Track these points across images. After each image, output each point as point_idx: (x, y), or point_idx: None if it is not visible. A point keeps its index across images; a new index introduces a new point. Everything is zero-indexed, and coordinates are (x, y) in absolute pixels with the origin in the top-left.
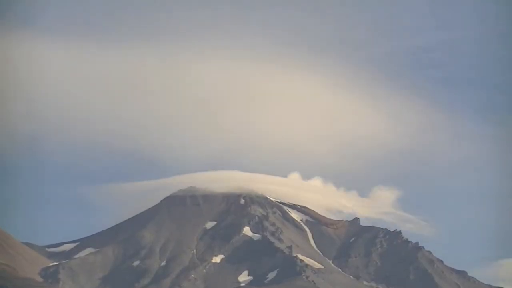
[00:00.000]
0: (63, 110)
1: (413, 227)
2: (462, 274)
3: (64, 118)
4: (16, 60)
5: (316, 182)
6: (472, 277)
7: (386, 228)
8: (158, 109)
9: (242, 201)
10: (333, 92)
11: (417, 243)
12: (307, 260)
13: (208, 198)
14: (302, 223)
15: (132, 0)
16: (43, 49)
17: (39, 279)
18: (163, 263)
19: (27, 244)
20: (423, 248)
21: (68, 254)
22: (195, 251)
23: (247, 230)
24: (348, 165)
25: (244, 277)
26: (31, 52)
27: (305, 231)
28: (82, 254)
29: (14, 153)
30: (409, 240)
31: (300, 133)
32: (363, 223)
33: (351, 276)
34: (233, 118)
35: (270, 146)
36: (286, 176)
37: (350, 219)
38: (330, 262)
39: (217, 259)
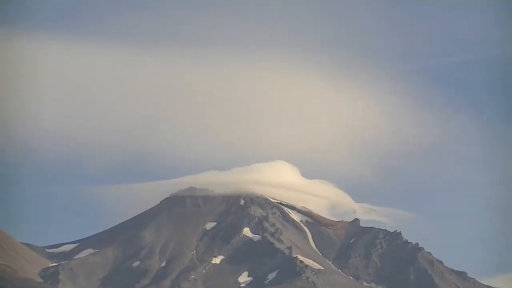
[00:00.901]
0: (62, 111)
1: (413, 227)
2: (462, 275)
3: (64, 119)
4: (15, 61)
5: (316, 183)
6: (472, 278)
7: (386, 229)
8: (158, 110)
9: (242, 202)
10: (335, 93)
11: (417, 244)
12: (307, 261)
13: (208, 199)
14: (302, 224)
15: (133, 1)
16: (43, 49)
17: (39, 279)
18: (163, 264)
19: (27, 244)
20: (423, 249)
21: (68, 255)
22: (195, 251)
23: (247, 231)
24: (350, 166)
25: (244, 278)
26: (30, 52)
27: (305, 232)
28: (82, 254)
29: (14, 153)
30: (409, 241)
31: (300, 134)
32: (363, 224)
33: (351, 277)
34: (233, 119)
35: (270, 147)
36: (286, 177)
37: (350, 220)
38: (330, 263)
39: (217, 260)
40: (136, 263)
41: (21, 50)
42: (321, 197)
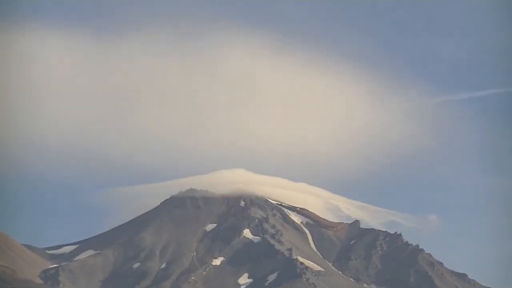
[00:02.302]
0: (64, 113)
1: (413, 228)
2: (462, 276)
3: (65, 121)
4: (14, 62)
5: (317, 184)
6: (472, 280)
7: (386, 231)
8: (158, 112)
9: (242, 203)
10: (337, 94)
11: (417, 245)
12: (307, 263)
13: (208, 201)
14: (302, 226)
15: (133, 1)
16: (41, 52)
17: (39, 281)
18: (163, 265)
19: (27, 246)
20: (423, 250)
21: (68, 256)
22: (195, 253)
23: (247, 233)
24: (348, 167)
25: (244, 280)
26: (29, 55)
27: (305, 234)
28: (82, 256)
29: (15, 155)
30: (409, 242)
31: (300, 135)
32: (363, 225)
33: (351, 279)
34: (233, 121)
35: (270, 148)
36: (286, 178)
37: (350, 221)
38: (330, 264)
39: (217, 262)
40: (136, 265)
41: (18, 52)
42: (319, 198)
